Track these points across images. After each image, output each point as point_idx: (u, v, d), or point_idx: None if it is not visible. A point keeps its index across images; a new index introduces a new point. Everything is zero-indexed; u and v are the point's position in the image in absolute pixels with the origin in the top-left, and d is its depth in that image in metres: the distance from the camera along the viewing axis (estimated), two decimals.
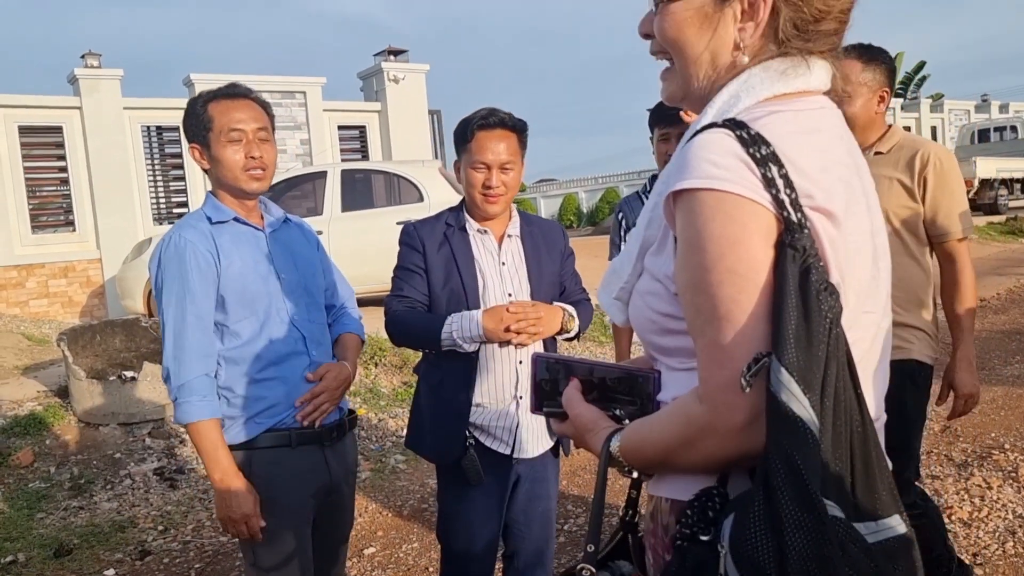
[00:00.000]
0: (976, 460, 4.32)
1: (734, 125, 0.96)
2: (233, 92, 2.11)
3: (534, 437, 2.38)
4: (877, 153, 2.56)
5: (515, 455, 2.35)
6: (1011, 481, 3.97)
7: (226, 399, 2.07)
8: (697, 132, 0.99)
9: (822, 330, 0.89)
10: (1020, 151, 19.70)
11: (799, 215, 0.93)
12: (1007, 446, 4.49)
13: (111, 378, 5.36)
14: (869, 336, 1.04)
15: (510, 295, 2.33)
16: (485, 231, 2.36)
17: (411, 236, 2.37)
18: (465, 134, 2.29)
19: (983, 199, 18.28)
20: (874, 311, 1.05)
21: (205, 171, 2.13)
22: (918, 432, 2.64)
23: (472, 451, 2.30)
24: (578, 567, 1.08)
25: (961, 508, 3.70)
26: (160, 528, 4.18)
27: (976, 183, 17.69)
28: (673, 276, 1.02)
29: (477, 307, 2.27)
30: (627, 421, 1.12)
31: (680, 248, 0.98)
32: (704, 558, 0.93)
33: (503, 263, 2.36)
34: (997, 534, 3.42)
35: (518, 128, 2.32)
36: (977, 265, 11.59)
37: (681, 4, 1.06)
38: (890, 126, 2.63)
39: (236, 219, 2.11)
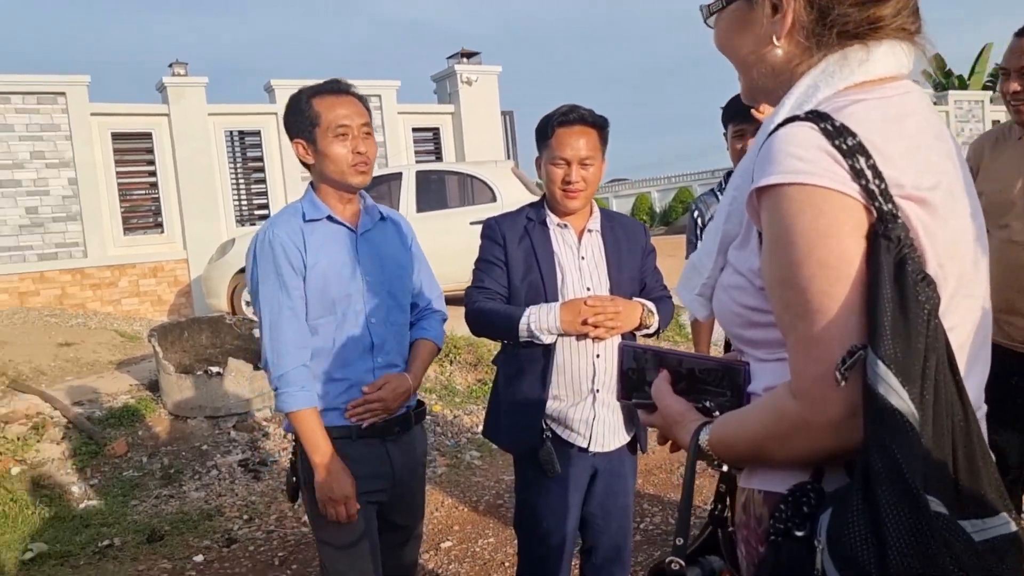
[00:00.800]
0: None
1: (817, 117, 0.95)
2: (336, 88, 2.16)
3: (611, 431, 2.38)
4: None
5: (591, 448, 2.36)
6: None
7: None
8: (779, 126, 0.98)
9: (920, 321, 0.87)
10: None
11: (890, 205, 0.91)
12: None
13: (198, 373, 5.56)
14: (971, 322, 1.02)
15: (588, 289, 2.33)
16: (565, 225, 2.38)
17: (493, 230, 2.40)
18: (546, 130, 2.31)
19: None
20: (975, 295, 1.02)
21: (307, 166, 2.17)
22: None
23: (549, 443, 2.31)
24: (667, 560, 1.07)
25: None
26: (245, 517, 4.32)
27: None
28: (759, 271, 1.02)
29: (556, 300, 2.28)
30: (717, 413, 1.11)
31: (767, 244, 0.97)
32: (800, 554, 0.92)
33: (583, 257, 2.37)
34: None
35: (598, 124, 2.33)
36: None
37: (722, 15, 1.13)
38: None
39: (330, 217, 2.16)
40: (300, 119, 2.12)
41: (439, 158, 13.96)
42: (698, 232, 3.03)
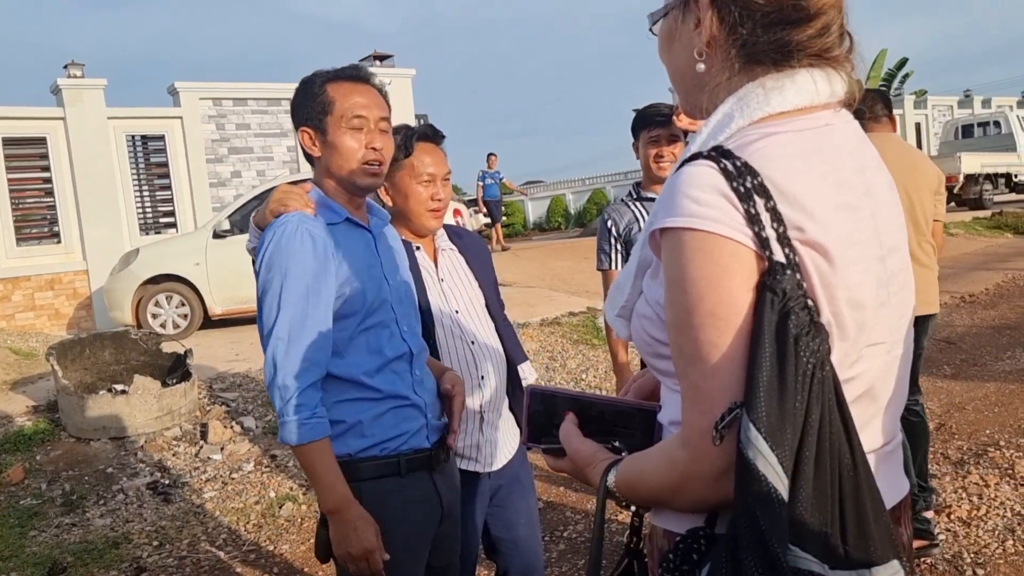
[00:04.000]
0: (972, 458, 4.32)
1: (719, 155, 0.93)
2: (356, 74, 1.91)
3: (500, 450, 2.34)
4: None
5: (487, 470, 2.31)
6: (1008, 478, 3.98)
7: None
8: (685, 162, 0.96)
9: (800, 378, 0.86)
10: (1004, 146, 19.84)
11: (787, 250, 0.89)
12: (1002, 443, 4.50)
13: (101, 392, 5.30)
14: (876, 368, 1.00)
15: (457, 311, 2.30)
16: (418, 247, 2.31)
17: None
18: (407, 147, 2.21)
19: (968, 194, 18.38)
20: (883, 341, 1.00)
21: (312, 159, 1.92)
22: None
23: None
24: None
25: (960, 507, 3.70)
26: (155, 544, 4.13)
27: (961, 178, 17.78)
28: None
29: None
30: (626, 453, 1.10)
31: (665, 286, 0.96)
32: None
33: (442, 279, 2.32)
34: (997, 533, 3.42)
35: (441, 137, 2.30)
36: (964, 261, 11.66)
37: (658, 27, 1.11)
38: None
39: (348, 219, 1.90)
40: (310, 104, 1.87)
41: None
42: (611, 241, 3.02)
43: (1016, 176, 19.68)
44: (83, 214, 11.29)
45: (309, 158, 1.93)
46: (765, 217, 0.89)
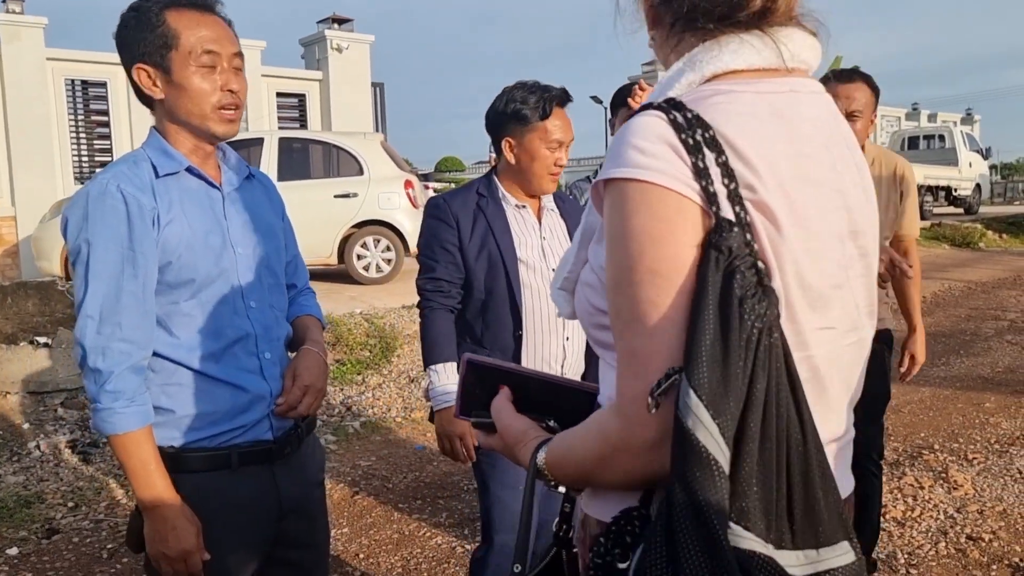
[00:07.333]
0: (908, 460, 4.38)
1: (670, 107, 0.87)
2: (200, 2, 1.62)
3: None
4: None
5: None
6: (941, 481, 4.03)
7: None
8: (635, 114, 0.90)
9: (743, 343, 0.80)
10: (946, 160, 20.40)
11: (737, 208, 0.84)
12: (936, 447, 4.57)
13: (22, 343, 5.05)
14: (825, 354, 0.94)
15: (553, 270, 2.26)
16: (524, 206, 2.31)
17: (442, 210, 2.28)
18: (546, 109, 2.20)
19: None
20: (834, 326, 0.94)
21: (152, 102, 1.64)
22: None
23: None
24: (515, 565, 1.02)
25: (895, 507, 3.73)
26: (70, 504, 3.93)
27: None
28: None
29: (517, 283, 2.20)
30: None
31: (606, 242, 0.89)
32: None
33: (544, 238, 2.31)
34: (930, 534, 3.46)
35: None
36: None
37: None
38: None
39: (189, 169, 1.64)
40: (146, 37, 1.57)
41: (304, 126, 13.45)
42: None
43: (956, 190, 20.27)
44: (14, 159, 10.79)
45: (146, 100, 1.64)
46: (715, 172, 0.84)
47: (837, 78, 2.65)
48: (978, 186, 21.15)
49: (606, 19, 1.07)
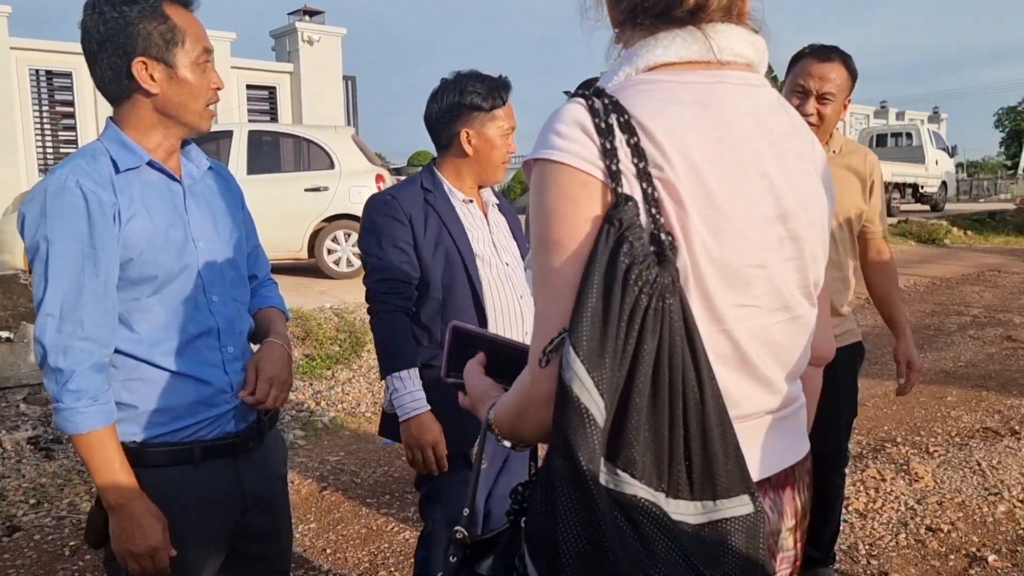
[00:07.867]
0: (871, 452, 4.45)
1: (593, 95, 0.96)
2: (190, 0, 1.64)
3: None
4: (833, 152, 2.62)
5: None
6: (903, 474, 4.11)
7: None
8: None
9: (628, 307, 0.87)
10: (914, 158, 20.71)
11: (645, 185, 0.92)
12: (899, 440, 4.65)
13: None
14: (746, 330, 0.99)
15: (507, 264, 2.26)
16: (470, 200, 2.28)
17: (393, 207, 2.21)
18: (498, 97, 2.20)
19: None
20: (756, 305, 0.99)
21: (121, 95, 1.61)
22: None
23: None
24: (454, 528, 1.10)
25: (857, 499, 3.79)
26: (32, 502, 3.88)
27: None
28: None
29: (476, 279, 2.16)
30: None
31: (529, 216, 1.01)
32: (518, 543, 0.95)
33: (492, 233, 2.29)
34: (890, 525, 3.52)
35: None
36: None
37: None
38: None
39: (151, 164, 1.62)
40: (151, 31, 1.55)
41: (274, 119, 13.33)
42: None
43: (922, 187, 20.58)
44: None
45: (112, 92, 1.61)
46: (624, 152, 0.92)
47: (815, 54, 2.45)
48: (944, 183, 21.50)
49: (575, 16, 1.14)
